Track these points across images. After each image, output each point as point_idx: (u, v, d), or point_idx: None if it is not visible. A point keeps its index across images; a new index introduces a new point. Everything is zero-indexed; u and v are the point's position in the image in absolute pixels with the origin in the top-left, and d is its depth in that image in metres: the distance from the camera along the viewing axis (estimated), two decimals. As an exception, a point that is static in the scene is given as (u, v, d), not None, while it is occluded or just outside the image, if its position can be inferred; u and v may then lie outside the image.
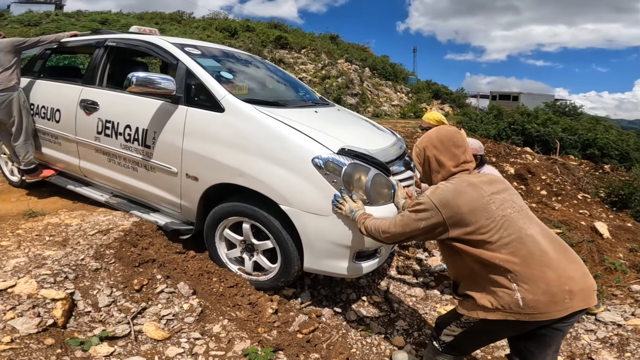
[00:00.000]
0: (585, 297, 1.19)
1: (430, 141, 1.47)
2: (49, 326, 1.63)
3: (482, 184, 1.32)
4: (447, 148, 1.44)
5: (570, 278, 1.18)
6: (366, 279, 2.58)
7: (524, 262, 1.18)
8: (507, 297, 1.19)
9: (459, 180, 1.36)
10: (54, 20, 18.01)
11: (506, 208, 1.27)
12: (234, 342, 1.80)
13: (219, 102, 2.10)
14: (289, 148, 1.90)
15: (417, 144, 1.53)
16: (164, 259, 2.18)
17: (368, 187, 1.88)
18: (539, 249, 1.20)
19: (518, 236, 1.21)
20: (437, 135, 1.47)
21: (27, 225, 2.45)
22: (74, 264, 1.99)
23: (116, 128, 2.45)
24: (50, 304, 1.71)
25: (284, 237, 1.95)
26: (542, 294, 1.16)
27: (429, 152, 1.47)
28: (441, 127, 1.54)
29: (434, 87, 21.19)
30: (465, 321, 1.38)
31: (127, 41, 2.71)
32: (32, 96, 3.05)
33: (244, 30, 20.54)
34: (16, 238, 2.24)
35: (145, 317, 1.83)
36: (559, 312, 1.17)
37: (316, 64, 18.19)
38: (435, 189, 1.35)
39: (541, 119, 9.37)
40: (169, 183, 2.29)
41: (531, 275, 1.17)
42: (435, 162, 1.45)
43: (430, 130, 1.51)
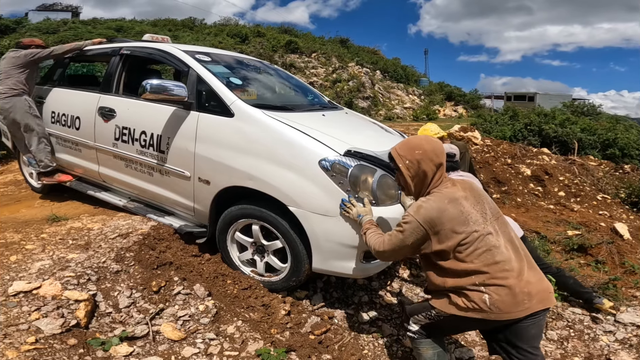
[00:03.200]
0: (542, 299, 1.37)
1: (427, 154, 1.46)
2: (72, 327, 1.69)
3: (462, 200, 1.42)
4: (441, 162, 1.48)
5: (528, 282, 1.35)
6: (378, 281, 2.57)
7: (492, 269, 1.35)
8: (476, 298, 1.35)
9: (440, 196, 1.43)
10: (71, 28, 18.51)
11: (480, 223, 1.40)
12: (248, 343, 1.84)
13: (228, 107, 2.16)
14: (297, 151, 1.94)
15: (407, 154, 1.50)
16: (180, 262, 2.24)
17: (374, 188, 1.90)
18: (504, 258, 1.37)
19: (488, 248, 1.37)
20: (433, 149, 1.48)
21: (51, 229, 2.54)
22: (96, 267, 2.06)
23: (132, 134, 2.53)
24: (73, 305, 1.78)
25: (293, 237, 1.99)
26: (506, 296, 1.33)
27: (425, 165, 1.46)
28: (430, 139, 1.53)
29: (447, 88, 20.92)
30: (436, 314, 1.50)
31: (141, 49, 2.80)
32: (53, 104, 3.15)
33: (255, 35, 20.78)
34: (40, 242, 2.33)
35: (162, 318, 1.89)
36: (520, 312, 1.34)
37: (327, 67, 18.25)
38: (419, 208, 1.42)
39: (559, 119, 9.16)
40: (182, 187, 2.35)
41: (497, 281, 1.34)
42: (430, 175, 1.47)
43: (420, 141, 1.50)
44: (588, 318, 2.37)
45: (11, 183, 4.16)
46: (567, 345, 2.15)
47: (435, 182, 1.48)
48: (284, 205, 1.94)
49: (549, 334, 2.22)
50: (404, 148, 1.52)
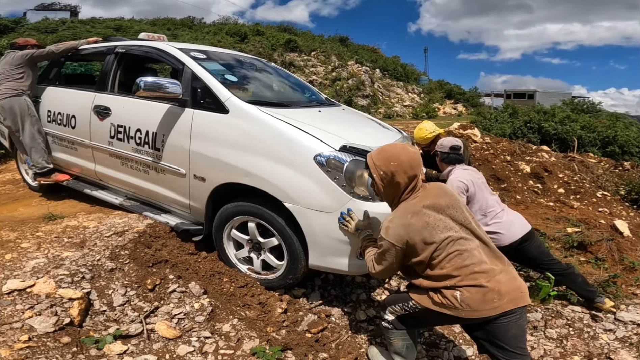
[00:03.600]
0: (513, 298, 1.39)
1: (402, 166, 1.47)
2: (66, 325, 1.68)
3: (426, 209, 1.44)
4: (415, 173, 1.49)
5: (498, 282, 1.38)
6: (376, 279, 2.56)
7: (462, 272, 1.39)
8: (448, 294, 1.41)
9: (403, 212, 1.47)
10: (70, 28, 18.45)
11: (449, 229, 1.43)
12: (243, 341, 1.82)
13: (223, 103, 2.15)
14: (291, 146, 1.93)
15: (382, 165, 1.50)
16: (176, 260, 2.23)
17: (369, 183, 1.88)
18: (474, 261, 1.40)
19: (459, 252, 1.41)
20: (409, 160, 1.48)
21: (46, 227, 2.53)
22: (90, 265, 2.05)
23: (128, 132, 2.52)
24: (67, 304, 1.77)
25: (289, 234, 1.98)
26: (476, 293, 1.37)
27: (399, 177, 1.48)
28: (407, 149, 1.53)
29: (447, 87, 20.82)
30: (412, 306, 1.55)
31: (136, 47, 2.79)
32: (49, 103, 3.14)
33: (254, 34, 20.74)
34: (36, 240, 2.31)
35: (157, 316, 1.88)
36: (490, 311, 1.38)
37: (326, 66, 18.21)
38: (387, 229, 1.46)
39: (559, 116, 9.13)
40: (178, 184, 2.34)
41: (467, 282, 1.38)
42: (403, 187, 1.49)
43: (397, 151, 1.50)
44: (588, 316, 2.35)
45: (9, 182, 4.15)
46: (567, 344, 2.13)
47: (406, 193, 1.50)
48: (280, 201, 1.93)
49: (548, 332, 2.21)
50: (380, 157, 1.52)
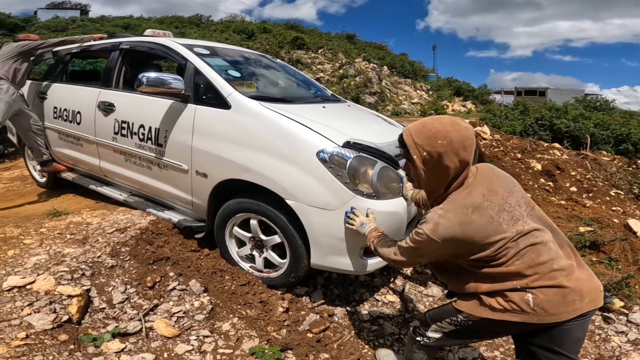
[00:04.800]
0: (593, 298, 1.19)
1: (452, 146, 1.13)
2: (64, 322, 1.67)
3: (487, 200, 1.16)
4: (468, 157, 1.15)
5: (579, 280, 1.18)
6: (380, 278, 2.51)
7: (537, 270, 1.15)
8: (516, 298, 1.16)
9: (459, 207, 1.16)
10: (80, 26, 18.72)
11: (517, 220, 1.17)
12: (243, 341, 1.80)
13: (225, 99, 2.12)
14: (294, 142, 1.88)
15: (426, 143, 1.16)
16: (178, 257, 2.20)
17: (374, 180, 1.83)
18: (551, 256, 1.17)
19: (533, 246, 1.16)
20: (461, 138, 1.14)
21: (50, 224, 2.54)
22: (91, 261, 2.04)
23: (131, 128, 2.51)
24: (66, 300, 1.76)
25: (291, 232, 1.94)
26: (554, 295, 1.14)
27: (449, 160, 1.14)
28: (458, 124, 1.17)
29: (455, 84, 20.64)
30: (463, 319, 1.30)
31: (140, 44, 2.79)
32: (55, 100, 3.16)
33: (261, 32, 20.78)
34: (39, 236, 2.32)
35: (157, 314, 1.86)
36: (568, 314, 1.15)
37: (333, 63, 18.14)
38: (436, 226, 1.16)
39: (571, 114, 8.96)
40: (180, 180, 2.33)
41: (545, 281, 1.15)
42: (452, 173, 1.17)
43: (444, 127, 1.15)
44: (600, 318, 2.28)
45: (17, 178, 4.21)
46: (577, 346, 2.07)
47: (457, 183, 1.19)
48: (282, 198, 1.89)
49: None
50: (423, 134, 1.17)
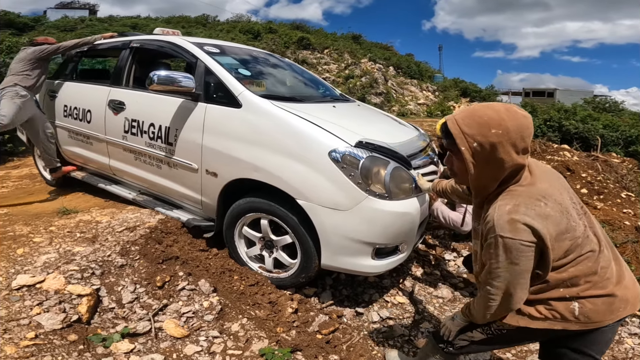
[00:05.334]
0: (635, 303, 1.13)
1: (508, 135, 0.99)
2: (74, 322, 1.66)
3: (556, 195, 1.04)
4: (526, 147, 1.02)
5: (626, 287, 1.11)
6: (390, 279, 2.49)
7: (594, 278, 1.07)
8: (561, 307, 1.09)
9: (526, 198, 1.01)
10: (88, 26, 18.93)
11: (578, 220, 1.06)
12: (252, 342, 1.78)
13: (236, 98, 2.10)
14: (305, 142, 1.87)
15: (477, 132, 1.01)
16: (187, 257, 2.19)
17: (387, 180, 1.81)
18: (606, 262, 1.09)
19: (592, 252, 1.07)
20: (518, 127, 1.00)
21: (60, 222, 2.53)
22: (100, 260, 2.03)
23: (141, 126, 2.51)
24: (76, 300, 1.75)
25: (302, 232, 1.92)
26: (602, 304, 1.07)
27: (503, 152, 1.00)
28: (514, 111, 1.02)
29: (462, 84, 20.44)
30: (496, 328, 1.22)
31: (150, 42, 2.78)
32: (65, 98, 3.16)
33: (267, 32, 20.83)
34: (49, 235, 2.31)
35: (166, 314, 1.84)
36: (611, 320, 1.09)
37: (339, 64, 18.10)
38: (512, 223, 0.98)
39: (580, 115, 8.89)
40: (190, 179, 2.32)
41: (596, 290, 1.07)
42: (509, 167, 1.02)
43: (498, 114, 1.01)
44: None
45: (26, 177, 4.23)
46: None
47: (514, 177, 1.05)
48: (293, 198, 1.87)
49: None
50: (472, 122, 1.02)
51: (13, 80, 2.95)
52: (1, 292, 1.74)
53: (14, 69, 3.01)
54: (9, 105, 2.86)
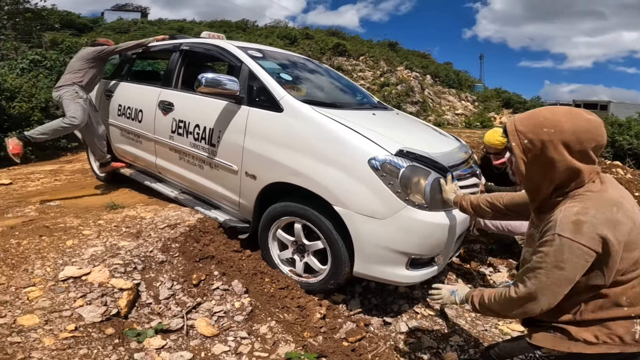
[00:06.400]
0: None
1: (561, 135, 0.96)
2: (113, 316, 1.71)
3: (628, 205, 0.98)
4: (585, 150, 0.97)
5: None
6: (420, 290, 2.43)
7: None
8: (621, 330, 1.01)
9: (601, 201, 0.96)
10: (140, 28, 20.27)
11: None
12: (279, 345, 1.78)
13: (278, 102, 2.13)
14: (345, 148, 1.86)
15: (529, 130, 1.01)
16: (222, 256, 2.23)
17: (427, 191, 1.77)
18: None
19: None
20: (574, 128, 0.96)
21: (108, 216, 2.64)
22: (143, 256, 2.09)
23: (187, 127, 2.59)
24: (117, 294, 1.81)
25: (335, 238, 1.91)
26: None
27: (555, 151, 0.97)
28: (577, 113, 0.99)
29: (504, 95, 19.60)
30: (542, 355, 1.13)
31: (198, 45, 2.89)
32: (120, 98, 3.31)
33: (304, 38, 21.23)
34: (97, 228, 2.42)
35: (198, 312, 1.88)
36: None
37: (375, 71, 18.04)
38: (578, 225, 0.92)
39: (635, 130, 8.22)
40: (230, 181, 2.37)
41: None
42: (563, 169, 0.98)
43: (555, 115, 0.99)
44: None
45: (78, 171, 4.53)
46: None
47: (582, 181, 0.99)
48: (329, 204, 1.87)
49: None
50: (527, 121, 1.03)
51: (71, 79, 3.10)
52: (48, 282, 1.82)
53: (73, 66, 3.17)
54: (74, 105, 3.02)
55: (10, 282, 1.80)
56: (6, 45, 9.90)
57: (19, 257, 1.99)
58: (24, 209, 2.87)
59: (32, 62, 7.34)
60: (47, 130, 3.01)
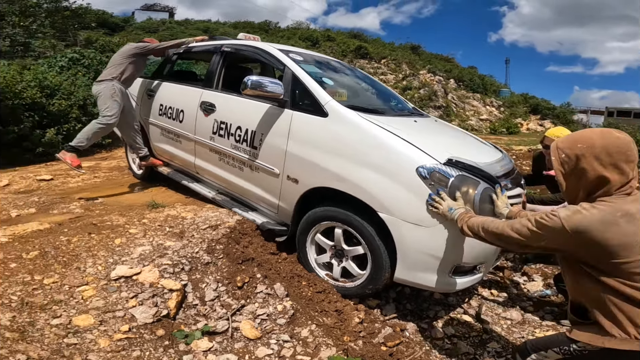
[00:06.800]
0: None
1: (592, 150, 1.15)
2: (162, 317, 1.72)
3: (637, 215, 1.10)
4: (615, 163, 1.13)
5: None
6: (455, 297, 2.43)
7: None
8: None
9: (609, 207, 1.11)
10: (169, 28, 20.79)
11: None
12: (320, 349, 1.78)
13: (322, 107, 2.14)
14: (393, 156, 1.86)
15: (566, 147, 1.20)
16: (261, 259, 2.25)
17: (477, 201, 1.75)
18: None
19: None
20: (604, 144, 1.14)
21: (150, 215, 2.67)
22: (190, 257, 2.11)
23: (229, 129, 2.62)
24: (167, 294, 1.82)
25: (377, 244, 1.92)
26: None
27: (586, 163, 1.15)
28: (607, 132, 1.18)
29: (532, 100, 18.95)
30: (577, 348, 1.22)
31: (240, 47, 2.91)
32: (162, 97, 3.36)
33: (325, 40, 21.27)
34: (142, 227, 2.45)
35: (242, 315, 1.89)
36: None
37: (397, 74, 17.91)
38: (574, 213, 1.13)
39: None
40: (270, 184, 2.39)
41: None
42: (593, 177, 1.15)
43: (591, 134, 1.19)
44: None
45: (115, 169, 4.63)
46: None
47: (609, 190, 1.14)
48: (372, 210, 1.87)
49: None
50: (566, 139, 1.24)
51: (110, 74, 3.16)
52: (100, 281, 1.85)
53: (114, 60, 3.24)
54: (110, 102, 3.09)
55: (64, 281, 1.83)
56: (44, 43, 10.29)
57: (70, 255, 2.04)
58: (68, 205, 2.96)
59: (70, 60, 7.60)
60: (88, 134, 3.07)
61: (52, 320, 1.60)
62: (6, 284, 1.76)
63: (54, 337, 1.52)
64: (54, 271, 1.89)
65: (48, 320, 1.60)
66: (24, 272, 1.86)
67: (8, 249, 2.05)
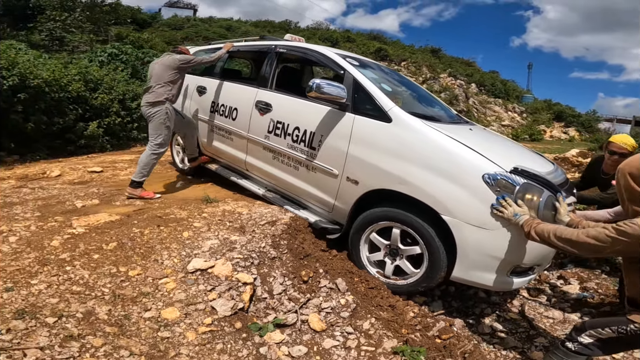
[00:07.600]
0: None
1: (630, 169, 1.41)
2: (239, 310, 1.79)
3: None
4: None
5: None
6: (498, 296, 2.51)
7: None
8: None
9: None
10: (193, 25, 21.02)
11: None
12: (382, 340, 1.87)
13: (386, 113, 2.22)
14: (458, 162, 1.94)
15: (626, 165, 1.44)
16: (317, 255, 2.34)
17: (541, 208, 1.84)
18: None
19: None
20: (638, 165, 1.40)
21: (208, 209, 2.72)
22: (258, 251, 2.18)
23: (286, 129, 2.69)
24: (241, 288, 1.90)
25: (436, 245, 2.01)
26: None
27: (622, 179, 1.42)
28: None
29: (556, 107, 18.59)
30: (634, 328, 1.41)
31: (296, 49, 2.98)
32: (214, 95, 3.40)
33: (345, 40, 21.25)
34: (204, 221, 2.51)
35: (308, 308, 1.97)
36: None
37: (417, 77, 17.82)
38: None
39: None
40: (327, 184, 2.47)
41: None
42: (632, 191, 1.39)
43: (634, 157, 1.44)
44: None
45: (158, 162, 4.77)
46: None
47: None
48: (433, 212, 1.96)
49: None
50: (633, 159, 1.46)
51: (164, 94, 3.04)
52: (178, 274, 1.91)
53: (161, 76, 3.06)
54: (163, 130, 3.07)
55: (147, 273, 1.91)
56: (83, 37, 10.56)
57: (146, 247, 2.13)
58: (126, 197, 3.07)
59: (109, 55, 7.84)
60: (145, 166, 3.10)
61: (144, 313, 1.67)
62: (94, 275, 1.84)
63: (149, 331, 1.57)
64: (135, 263, 1.98)
65: (141, 313, 1.67)
66: (108, 263, 1.94)
67: (87, 239, 2.16)
